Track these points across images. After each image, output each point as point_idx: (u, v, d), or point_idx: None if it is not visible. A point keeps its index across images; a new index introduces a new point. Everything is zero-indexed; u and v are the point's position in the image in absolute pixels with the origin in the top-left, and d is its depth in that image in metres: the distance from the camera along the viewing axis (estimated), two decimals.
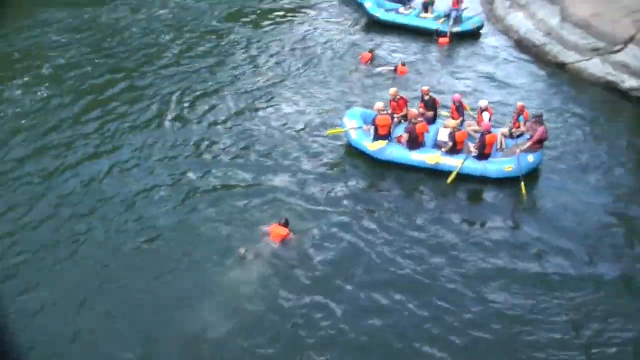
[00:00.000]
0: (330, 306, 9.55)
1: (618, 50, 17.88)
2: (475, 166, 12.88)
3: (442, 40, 20.25)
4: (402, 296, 9.85)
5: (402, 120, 13.95)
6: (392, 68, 17.80)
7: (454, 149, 13.05)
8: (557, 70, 18.62)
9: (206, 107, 15.28)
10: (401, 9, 21.94)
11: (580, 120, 15.98)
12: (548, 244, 11.33)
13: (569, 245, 11.33)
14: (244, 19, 21.19)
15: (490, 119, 13.46)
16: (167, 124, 14.54)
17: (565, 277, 10.57)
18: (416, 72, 17.99)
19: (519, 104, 14.01)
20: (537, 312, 9.79)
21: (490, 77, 17.99)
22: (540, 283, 10.40)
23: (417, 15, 21.58)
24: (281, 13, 22.08)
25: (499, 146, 13.33)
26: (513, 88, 17.35)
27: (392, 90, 14.44)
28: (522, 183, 12.47)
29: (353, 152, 13.61)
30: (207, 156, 13.29)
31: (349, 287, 9.96)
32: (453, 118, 13.80)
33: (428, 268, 10.53)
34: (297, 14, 22.16)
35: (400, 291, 9.95)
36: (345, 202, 12.08)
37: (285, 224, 10.70)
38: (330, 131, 13.99)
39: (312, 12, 22.55)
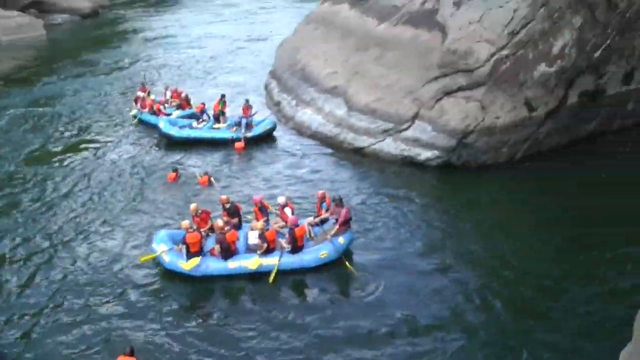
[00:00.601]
0: None
1: (406, 128, 20.66)
2: (292, 260, 14.25)
3: (237, 145, 22.20)
4: None
5: (210, 233, 15.01)
6: (197, 181, 19.18)
7: (268, 249, 14.27)
8: (355, 155, 21.20)
9: (19, 258, 15.49)
10: (194, 124, 23.79)
11: (386, 196, 18.28)
12: (386, 308, 13.13)
13: (404, 303, 13.24)
14: (45, 159, 21.98)
15: (293, 213, 15.01)
16: None
17: (405, 331, 12.44)
18: (220, 181, 19.54)
19: (320, 192, 15.92)
20: None
21: (291, 174, 20.03)
22: (384, 341, 12.17)
23: (211, 127, 23.53)
24: (80, 147, 23.20)
25: (308, 236, 14.90)
26: (315, 180, 19.43)
27: (192, 206, 15.64)
28: (346, 262, 14.27)
29: (170, 275, 14.43)
30: (31, 309, 13.46)
31: None
32: (257, 219, 15.15)
33: None
34: (95, 146, 23.29)
35: None
36: (176, 325, 12.84)
37: (131, 353, 11.19)
38: (142, 258, 14.73)
39: (110, 141, 23.68)
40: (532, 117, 20.16)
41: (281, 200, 15.68)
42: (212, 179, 19.25)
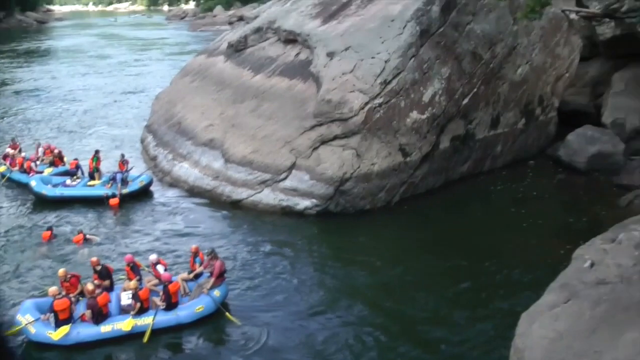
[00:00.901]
0: None
1: (284, 178, 21.38)
2: (167, 317, 14.43)
3: (112, 201, 22.17)
4: None
5: (80, 298, 14.96)
6: (73, 240, 18.94)
7: (142, 308, 14.42)
8: (233, 208, 21.64)
9: None
10: (68, 181, 23.49)
11: (266, 246, 18.78)
12: (273, 353, 13.64)
13: (291, 346, 13.86)
14: None
15: (166, 270, 15.30)
16: None
17: None
18: (95, 241, 19.30)
19: (193, 246, 16.35)
20: None
21: (168, 229, 20.18)
22: None
23: (85, 184, 23.37)
24: None
25: (183, 292, 15.22)
26: (193, 234, 19.66)
27: (60, 271, 15.44)
28: (226, 313, 14.66)
29: (38, 347, 14.09)
30: None
31: None
32: (129, 279, 15.25)
33: None
34: None
35: None
36: None
37: None
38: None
39: None
40: (407, 162, 21.44)
41: (153, 258, 15.95)
42: (87, 236, 19.11)
